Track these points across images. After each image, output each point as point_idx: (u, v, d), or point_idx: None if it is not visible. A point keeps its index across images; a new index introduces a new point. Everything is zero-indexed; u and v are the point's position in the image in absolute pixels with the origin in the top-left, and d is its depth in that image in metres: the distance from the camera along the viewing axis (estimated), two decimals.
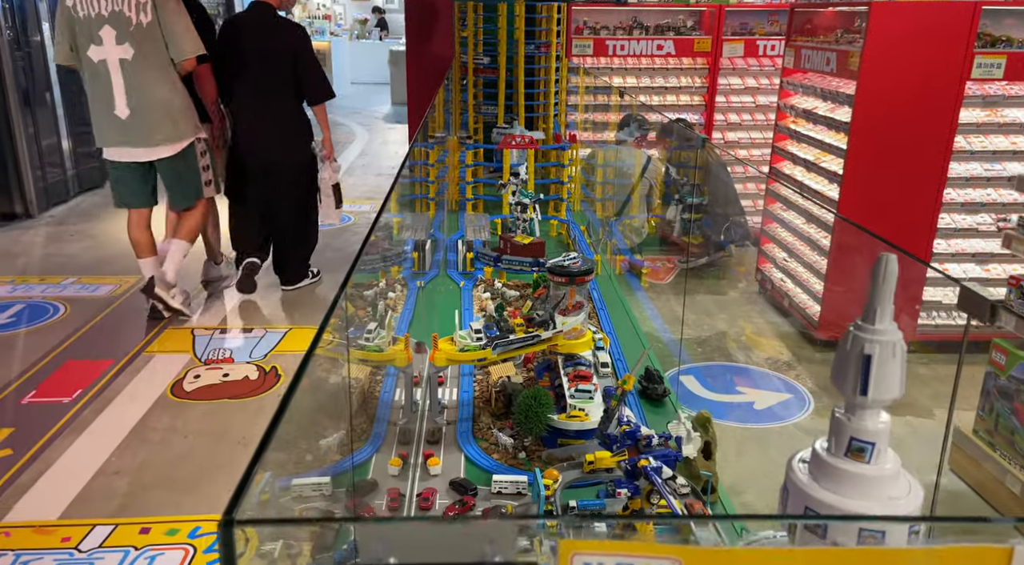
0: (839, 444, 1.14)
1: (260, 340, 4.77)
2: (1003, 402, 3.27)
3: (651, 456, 1.73)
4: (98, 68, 4.31)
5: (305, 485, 2.19)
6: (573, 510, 2.03)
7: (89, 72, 4.35)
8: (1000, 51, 4.23)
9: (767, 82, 6.45)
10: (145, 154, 4.48)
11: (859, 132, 4.29)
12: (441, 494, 2.18)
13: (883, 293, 1.09)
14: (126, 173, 4.58)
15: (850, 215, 4.43)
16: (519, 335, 2.46)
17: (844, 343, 1.13)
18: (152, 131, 4.40)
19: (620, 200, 5.22)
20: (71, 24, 4.27)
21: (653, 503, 1.78)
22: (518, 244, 3.87)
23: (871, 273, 1.08)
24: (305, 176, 5.13)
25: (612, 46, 6.35)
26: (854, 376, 1.08)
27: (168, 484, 3.37)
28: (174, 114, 4.43)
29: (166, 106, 4.40)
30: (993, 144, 4.42)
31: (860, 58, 4.20)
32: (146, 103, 4.35)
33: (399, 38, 19.88)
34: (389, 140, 12.30)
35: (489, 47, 5.87)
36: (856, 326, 1.14)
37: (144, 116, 4.36)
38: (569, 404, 2.32)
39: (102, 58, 4.28)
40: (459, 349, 2.43)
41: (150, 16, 4.24)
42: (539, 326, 2.49)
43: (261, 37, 4.78)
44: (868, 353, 1.07)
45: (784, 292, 5.12)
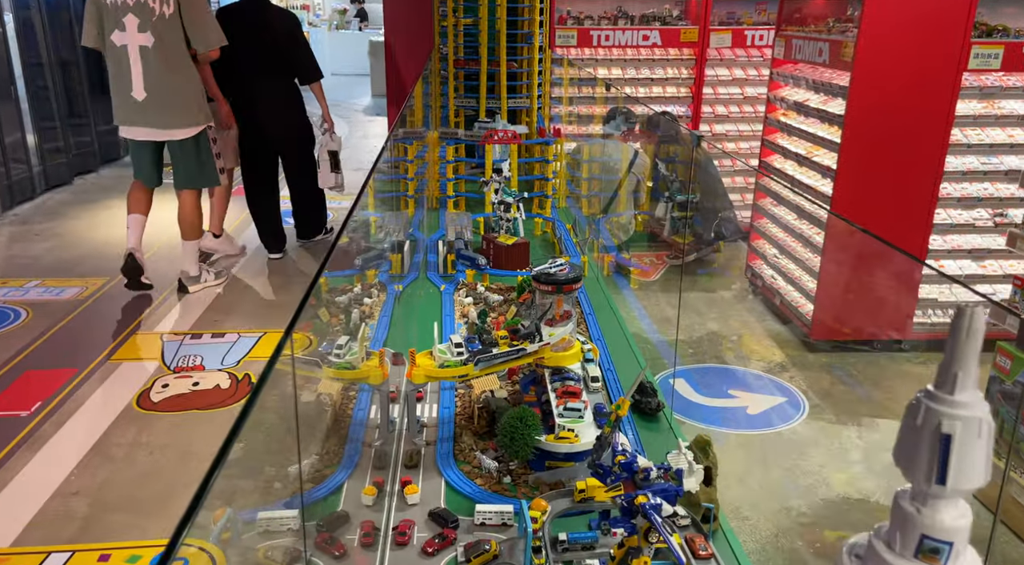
0: (906, 542, 0.91)
1: (233, 346, 4.56)
2: (1009, 408, 3.14)
3: (649, 492, 1.56)
4: (120, 53, 4.66)
5: (272, 519, 2.00)
6: (563, 544, 1.86)
7: (111, 55, 4.70)
8: (998, 41, 4.09)
9: (755, 73, 6.29)
10: (158, 134, 4.83)
11: (853, 125, 4.14)
12: (419, 526, 2.00)
13: (966, 354, 0.85)
14: (139, 150, 4.96)
15: (844, 210, 4.29)
16: (503, 349, 2.28)
17: (913, 416, 0.88)
18: (166, 114, 4.75)
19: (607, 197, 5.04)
20: (100, 10, 4.65)
21: (651, 542, 1.61)
22: (502, 245, 3.69)
23: (950, 329, 0.86)
24: (305, 146, 5.69)
25: (597, 36, 6.16)
26: (928, 460, 0.85)
27: (131, 505, 3.16)
28: (188, 100, 4.78)
29: (181, 92, 4.74)
30: (990, 137, 4.29)
31: (854, 48, 4.04)
32: (162, 88, 4.69)
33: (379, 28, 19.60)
34: (369, 133, 12.05)
35: (470, 38, 5.66)
36: (928, 395, 0.88)
37: (159, 100, 4.71)
38: (557, 424, 2.15)
39: (124, 43, 4.64)
40: (439, 365, 2.25)
41: (172, 8, 4.62)
42: (524, 338, 2.31)
43: (257, 23, 5.25)
44: (947, 432, 0.83)
45: (776, 290, 4.98)
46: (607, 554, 1.80)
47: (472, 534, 1.95)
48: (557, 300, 2.35)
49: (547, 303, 2.37)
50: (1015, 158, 4.32)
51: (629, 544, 1.64)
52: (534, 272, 2.34)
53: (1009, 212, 4.42)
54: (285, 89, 5.46)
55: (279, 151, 5.62)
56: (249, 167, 5.62)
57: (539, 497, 1.90)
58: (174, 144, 4.88)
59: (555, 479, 2.16)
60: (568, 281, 2.33)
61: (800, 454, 3.60)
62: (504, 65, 5.31)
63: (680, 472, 1.64)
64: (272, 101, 5.41)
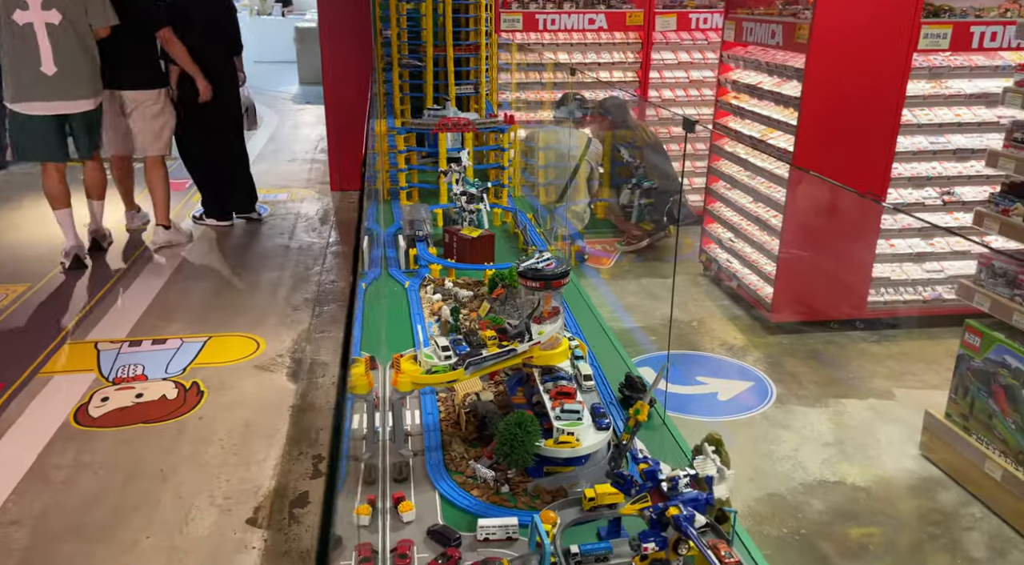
0: None
1: (176, 352, 4.28)
2: (979, 385, 3.19)
3: (680, 502, 1.47)
4: (24, 30, 4.84)
5: None
6: (576, 556, 1.75)
7: (12, 33, 4.86)
8: (946, 21, 4.16)
9: (700, 56, 6.29)
10: (68, 107, 5.06)
11: (810, 107, 4.15)
12: (419, 546, 1.86)
13: None
14: (44, 127, 5.06)
15: (802, 191, 4.31)
16: (492, 350, 2.15)
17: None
18: (78, 87, 5.04)
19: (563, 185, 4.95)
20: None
21: (680, 554, 1.52)
22: (466, 238, 3.55)
23: None
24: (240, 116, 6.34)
25: (542, 20, 6.04)
26: None
27: (77, 532, 2.91)
28: (94, 73, 5.13)
29: (89, 66, 5.08)
30: (938, 117, 4.37)
31: (809, 30, 4.04)
32: (73, 62, 4.99)
33: (303, 13, 18.93)
34: (300, 122, 11.62)
35: (413, 22, 5.45)
36: None
37: (70, 73, 5.00)
38: (556, 428, 2.04)
39: (28, 21, 4.83)
40: (426, 371, 2.10)
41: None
42: (513, 338, 2.18)
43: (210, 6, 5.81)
44: None
45: (732, 273, 4.99)
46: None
47: (477, 552, 1.82)
48: (545, 297, 2.23)
49: (535, 300, 2.25)
50: (962, 137, 4.42)
51: (655, 557, 1.54)
52: (521, 269, 2.21)
53: (956, 190, 4.53)
54: (229, 62, 6.04)
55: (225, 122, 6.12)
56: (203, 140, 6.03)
57: (547, 508, 1.79)
58: (79, 116, 5.14)
59: (556, 485, 2.05)
60: (556, 276, 2.21)
61: (774, 439, 3.60)
62: (451, 50, 5.13)
63: (710, 479, 1.55)
64: (220, 74, 5.90)
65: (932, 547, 2.96)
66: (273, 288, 5.23)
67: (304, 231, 6.44)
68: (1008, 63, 4.35)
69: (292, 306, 4.96)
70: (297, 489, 3.22)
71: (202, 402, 3.81)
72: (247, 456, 3.42)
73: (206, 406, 3.79)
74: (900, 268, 4.63)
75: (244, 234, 6.40)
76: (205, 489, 3.18)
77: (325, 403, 3.87)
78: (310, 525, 3.03)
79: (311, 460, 3.41)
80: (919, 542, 2.99)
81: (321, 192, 7.62)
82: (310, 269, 5.59)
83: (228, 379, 4.03)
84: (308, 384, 4.04)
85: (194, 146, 6.11)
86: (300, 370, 4.17)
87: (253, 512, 3.07)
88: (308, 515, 3.09)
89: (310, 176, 8.30)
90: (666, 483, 1.53)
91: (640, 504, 1.54)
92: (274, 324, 4.70)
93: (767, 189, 4.63)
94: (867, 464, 3.42)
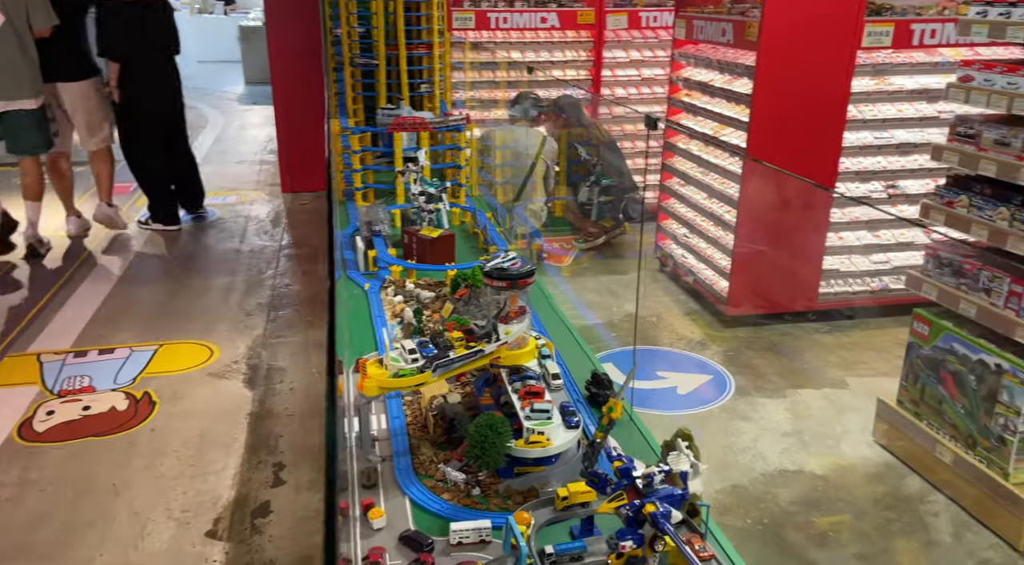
0: None
1: (125, 362, 4.14)
2: (929, 372, 3.29)
3: (656, 499, 1.47)
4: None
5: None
6: (551, 557, 1.74)
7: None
8: (888, 19, 4.28)
9: (651, 54, 6.35)
10: (7, 106, 5.24)
11: (761, 104, 4.22)
12: (391, 553, 1.82)
13: None
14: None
15: (754, 186, 4.39)
16: (460, 352, 2.12)
17: None
18: (19, 86, 5.23)
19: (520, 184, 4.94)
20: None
21: (657, 551, 1.52)
22: (425, 238, 3.50)
23: None
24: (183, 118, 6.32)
25: (494, 19, 6.02)
26: None
27: (26, 551, 2.80)
28: (35, 73, 5.29)
29: (31, 66, 5.25)
30: (882, 112, 4.50)
31: (759, 28, 4.11)
32: (14, 62, 5.16)
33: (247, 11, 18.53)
34: (247, 123, 11.38)
35: (364, 20, 5.37)
36: None
37: (12, 73, 5.19)
38: (526, 428, 2.02)
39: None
40: (392, 374, 2.07)
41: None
42: (481, 339, 2.16)
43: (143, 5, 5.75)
44: None
45: (687, 268, 5.05)
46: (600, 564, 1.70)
47: (451, 557, 1.79)
48: (512, 296, 2.21)
49: (501, 300, 2.23)
50: (905, 132, 4.56)
51: (631, 554, 1.54)
52: (487, 268, 2.19)
53: (900, 184, 4.67)
54: (173, 64, 6.05)
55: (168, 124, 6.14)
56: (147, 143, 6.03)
57: (520, 509, 1.77)
58: (15, 114, 5.28)
59: (527, 486, 2.04)
60: (522, 275, 2.19)
61: (734, 431, 3.66)
62: (403, 48, 5.07)
63: (685, 474, 1.56)
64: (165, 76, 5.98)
65: (888, 531, 3.05)
66: (225, 293, 5.11)
67: (256, 234, 6.31)
68: (947, 60, 4.50)
69: (246, 311, 4.85)
70: (258, 498, 3.15)
71: (154, 413, 3.70)
72: (204, 467, 3.33)
73: (159, 417, 3.68)
74: (849, 260, 4.76)
75: (193, 238, 6.25)
76: (161, 502, 3.08)
77: (283, 410, 3.80)
78: (273, 535, 2.97)
79: (271, 468, 3.34)
80: (876, 527, 3.07)
81: (272, 194, 7.47)
82: (263, 273, 5.48)
83: (181, 388, 3.92)
84: (265, 391, 3.95)
85: (138, 149, 6.02)
86: (256, 377, 4.08)
87: (212, 524, 2.99)
88: (270, 525, 3.02)
89: (260, 178, 8.14)
90: (641, 480, 1.53)
91: (616, 502, 1.54)
92: (227, 330, 4.59)
93: (720, 185, 4.70)
94: (824, 452, 3.49)
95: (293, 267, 5.63)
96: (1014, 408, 2.93)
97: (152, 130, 6.01)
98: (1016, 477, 2.98)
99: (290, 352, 4.36)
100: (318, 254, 5.86)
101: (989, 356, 3.03)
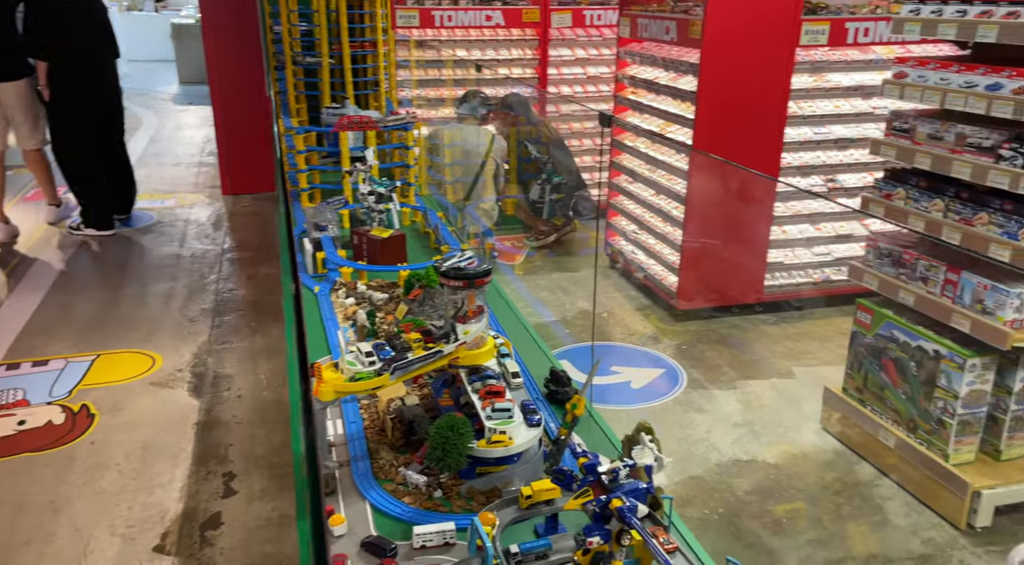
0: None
1: (61, 373, 3.98)
2: (871, 359, 3.39)
3: (622, 494, 1.47)
4: None
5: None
6: (516, 556, 1.73)
7: None
8: (823, 18, 4.39)
9: (596, 53, 6.40)
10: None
11: (706, 101, 4.29)
12: (353, 559, 1.78)
13: None
14: None
15: (700, 182, 4.45)
16: (418, 353, 2.09)
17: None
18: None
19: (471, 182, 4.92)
20: None
21: (623, 545, 1.53)
22: (376, 239, 3.45)
23: None
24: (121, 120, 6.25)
25: (439, 17, 5.98)
26: None
27: None
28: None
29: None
30: (820, 108, 4.62)
31: (702, 26, 4.18)
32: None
33: (179, 8, 17.99)
34: (183, 124, 11.06)
35: (305, 18, 5.27)
36: None
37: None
38: (488, 428, 2.00)
39: None
40: (349, 378, 2.02)
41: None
42: (440, 340, 2.13)
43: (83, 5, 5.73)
44: None
45: (637, 264, 5.11)
46: (567, 561, 1.70)
47: (415, 561, 1.76)
48: (469, 296, 2.19)
49: (458, 299, 2.21)
50: (842, 128, 4.70)
51: (598, 549, 1.54)
52: (443, 268, 2.16)
53: (839, 178, 4.81)
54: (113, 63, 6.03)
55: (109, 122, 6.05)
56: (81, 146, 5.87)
57: (485, 509, 1.75)
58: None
59: (490, 486, 2.02)
60: (479, 275, 2.17)
61: (688, 423, 3.71)
62: (347, 46, 4.99)
63: (649, 468, 1.57)
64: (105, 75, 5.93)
65: (839, 516, 3.13)
66: (166, 299, 4.95)
67: (196, 238, 6.13)
68: (880, 57, 4.65)
69: (188, 318, 4.71)
70: (208, 510, 3.06)
71: (93, 426, 3.56)
72: (149, 480, 3.22)
73: (99, 430, 3.54)
74: (792, 253, 4.88)
75: (129, 243, 6.04)
76: (104, 518, 2.97)
77: (232, 418, 3.70)
78: (224, 547, 2.88)
79: (221, 478, 3.25)
80: (828, 512, 3.16)
81: (212, 197, 7.27)
82: (206, 278, 5.33)
83: (122, 399, 3.78)
84: (212, 399, 3.84)
85: (70, 150, 5.83)
86: (202, 385, 3.97)
87: (160, 538, 2.89)
88: (222, 537, 2.93)
89: (198, 180, 7.92)
90: (607, 476, 1.53)
91: (583, 498, 1.54)
92: (170, 337, 4.45)
93: (668, 181, 4.76)
94: (775, 441, 3.57)
95: (237, 271, 5.49)
96: (952, 392, 3.05)
97: (85, 130, 5.82)
98: (955, 458, 3.09)
99: (237, 358, 4.25)
100: (262, 257, 5.72)
101: (927, 342, 3.14)
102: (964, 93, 2.91)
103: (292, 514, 3.01)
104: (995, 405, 3.10)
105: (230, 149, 7.08)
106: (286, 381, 3.87)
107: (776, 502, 3.18)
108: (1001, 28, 2.78)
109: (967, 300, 2.99)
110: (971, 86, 2.91)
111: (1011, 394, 3.05)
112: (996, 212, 2.91)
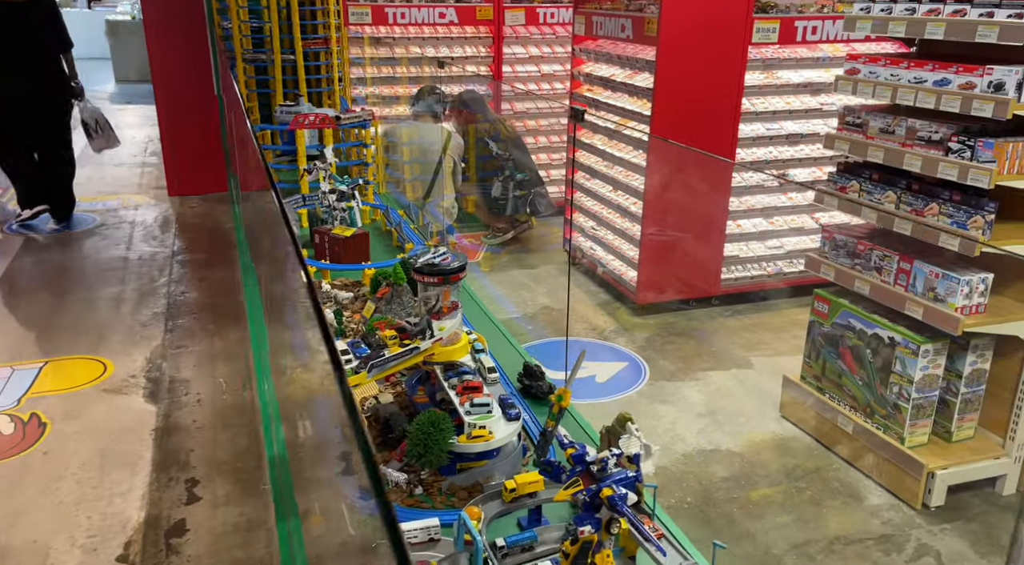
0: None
1: (7, 382, 3.81)
2: (829, 348, 3.49)
3: (612, 483, 1.48)
4: None
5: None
6: (503, 549, 1.73)
7: None
8: (774, 16, 4.50)
9: (549, 50, 6.43)
10: None
11: (662, 97, 4.35)
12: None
13: None
14: None
15: (659, 180, 4.52)
16: (394, 350, 2.07)
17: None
18: None
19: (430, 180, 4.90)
20: None
21: (613, 533, 1.54)
22: (339, 237, 3.41)
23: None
24: (67, 115, 5.92)
25: (392, 14, 5.92)
26: None
27: None
28: None
29: None
30: (772, 105, 4.73)
31: (658, 24, 4.24)
32: None
33: (114, 5, 17.42)
34: (123, 124, 10.68)
35: (255, 15, 5.16)
36: None
37: None
38: (468, 423, 2.00)
39: None
40: None
41: None
42: (415, 336, 2.12)
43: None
44: None
45: (597, 260, 5.15)
46: (554, 552, 1.71)
47: None
48: (444, 292, 2.18)
49: (432, 296, 2.20)
50: (792, 123, 4.82)
51: (587, 539, 1.55)
52: (418, 264, 2.15)
53: (790, 172, 4.94)
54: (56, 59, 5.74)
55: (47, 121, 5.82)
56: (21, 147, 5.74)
57: (470, 504, 1.75)
58: None
59: (471, 481, 2.02)
60: (454, 270, 2.16)
61: (652, 414, 3.76)
62: (299, 43, 4.91)
63: (637, 457, 1.58)
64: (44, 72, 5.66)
65: (801, 500, 3.22)
66: (115, 303, 4.78)
67: (143, 240, 5.94)
68: (827, 55, 4.79)
69: (140, 322, 4.56)
70: (172, 518, 2.96)
71: (45, 435, 3.42)
72: (108, 488, 3.11)
73: (51, 439, 3.40)
74: (747, 246, 4.98)
75: (73, 246, 5.81)
76: (63, 530, 2.85)
77: (192, 423, 3.59)
78: (191, 554, 2.80)
79: (184, 485, 3.15)
80: (790, 498, 3.24)
81: (158, 198, 7.05)
82: (156, 281, 5.16)
83: (74, 407, 3.64)
84: (170, 404, 3.72)
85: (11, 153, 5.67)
86: (159, 390, 3.84)
87: (123, 548, 2.79)
88: (188, 544, 2.85)
89: (143, 181, 7.67)
90: (595, 465, 1.55)
91: (573, 489, 1.55)
92: (121, 342, 4.29)
93: (626, 178, 4.82)
94: (738, 431, 3.65)
95: (189, 274, 5.33)
96: (907, 377, 3.16)
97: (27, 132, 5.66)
98: (911, 441, 3.21)
99: (193, 362, 4.13)
100: (215, 259, 5.58)
101: (883, 330, 3.25)
102: (914, 88, 3.02)
103: (260, 518, 2.94)
104: (946, 389, 3.23)
105: (177, 149, 6.88)
106: (249, 384, 3.78)
107: (742, 489, 3.24)
108: (948, 25, 2.89)
109: (920, 288, 3.10)
110: (920, 82, 3.02)
111: (961, 378, 3.18)
112: (946, 203, 3.03)
